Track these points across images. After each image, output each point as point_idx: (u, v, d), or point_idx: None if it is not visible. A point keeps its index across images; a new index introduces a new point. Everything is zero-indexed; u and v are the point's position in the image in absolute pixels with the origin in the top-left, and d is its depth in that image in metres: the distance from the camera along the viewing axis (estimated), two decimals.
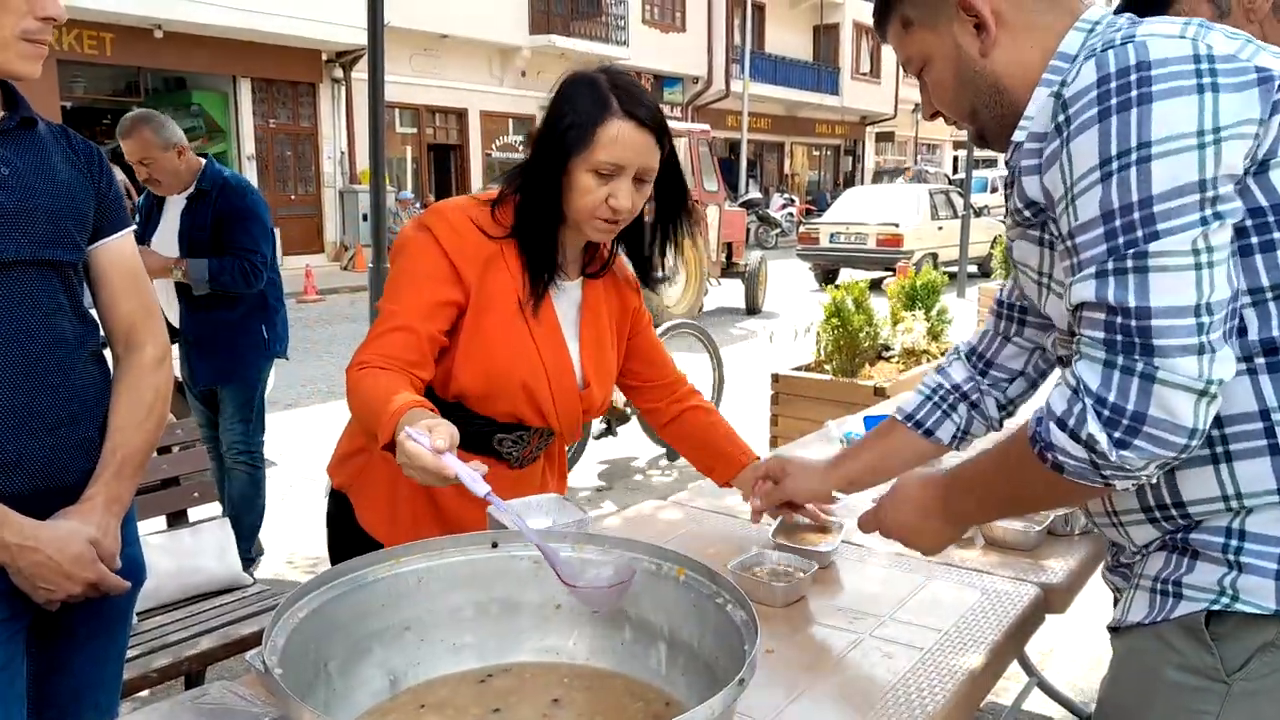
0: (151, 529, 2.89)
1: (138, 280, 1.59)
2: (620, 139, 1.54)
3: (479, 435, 1.68)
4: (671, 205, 1.73)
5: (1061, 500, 1.26)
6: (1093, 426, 0.99)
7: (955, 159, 38.07)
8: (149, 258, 3.57)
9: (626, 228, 1.67)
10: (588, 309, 1.75)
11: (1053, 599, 1.68)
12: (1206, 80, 0.96)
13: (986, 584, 1.69)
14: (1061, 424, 1.03)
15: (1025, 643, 1.72)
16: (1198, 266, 0.95)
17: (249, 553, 3.92)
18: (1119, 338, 0.98)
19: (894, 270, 10.17)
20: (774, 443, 4.80)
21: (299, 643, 1.10)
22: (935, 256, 14.48)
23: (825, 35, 31.85)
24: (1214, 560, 1.04)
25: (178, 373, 4.01)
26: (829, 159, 35.74)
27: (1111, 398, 0.98)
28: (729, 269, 12.56)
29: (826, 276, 14.94)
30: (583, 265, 1.76)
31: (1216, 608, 1.03)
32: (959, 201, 15.17)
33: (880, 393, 4.41)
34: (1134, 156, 0.97)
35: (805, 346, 5.26)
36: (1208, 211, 0.96)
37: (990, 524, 1.85)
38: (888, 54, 34.42)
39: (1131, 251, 0.97)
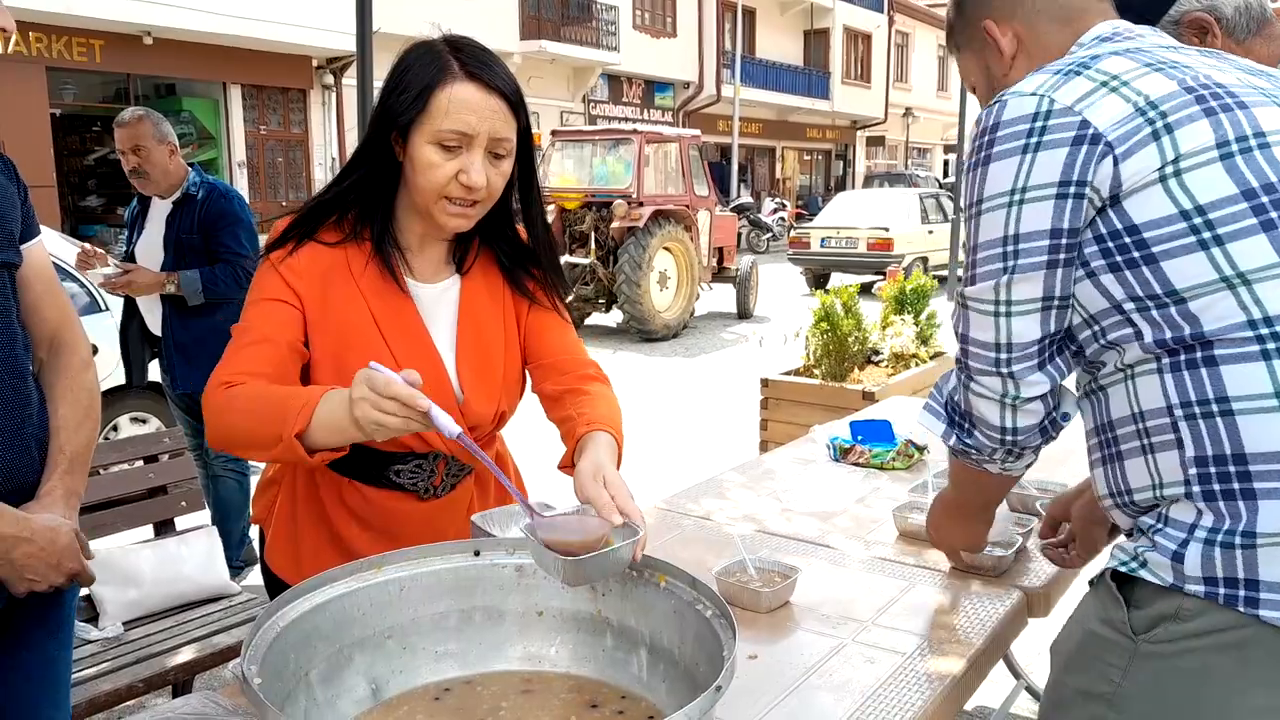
0: (139, 538, 2.88)
1: (56, 285, 1.61)
2: (462, 102, 1.35)
3: (369, 468, 1.52)
4: (524, 185, 1.52)
5: (986, 486, 1.43)
6: (931, 418, 1.35)
7: (946, 163, 38.22)
8: (142, 275, 3.57)
9: (492, 219, 1.49)
10: (466, 311, 1.54)
11: (1034, 603, 1.69)
12: (1034, 140, 1.11)
13: (968, 589, 1.70)
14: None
15: (1008, 646, 1.73)
16: (996, 313, 1.17)
17: (238, 560, 3.91)
18: (960, 355, 1.24)
19: (884, 274, 10.20)
20: (763, 447, 4.80)
21: (280, 652, 1.11)
22: (925, 260, 14.54)
23: (816, 40, 31.93)
24: (1144, 535, 1.12)
25: (156, 377, 4.01)
26: (820, 163, 35.81)
27: (956, 398, 1.29)
28: (720, 274, 12.58)
29: (817, 281, 14.99)
30: (458, 263, 1.56)
31: (1123, 570, 1.11)
32: (949, 205, 15.22)
33: (869, 397, 4.42)
34: (974, 210, 1.18)
35: (795, 351, 5.27)
36: (1009, 264, 1.14)
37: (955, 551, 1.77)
38: (878, 59, 34.57)
39: (961, 290, 1.21)
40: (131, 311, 3.89)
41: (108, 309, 4.48)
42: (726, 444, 5.83)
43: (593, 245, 10.95)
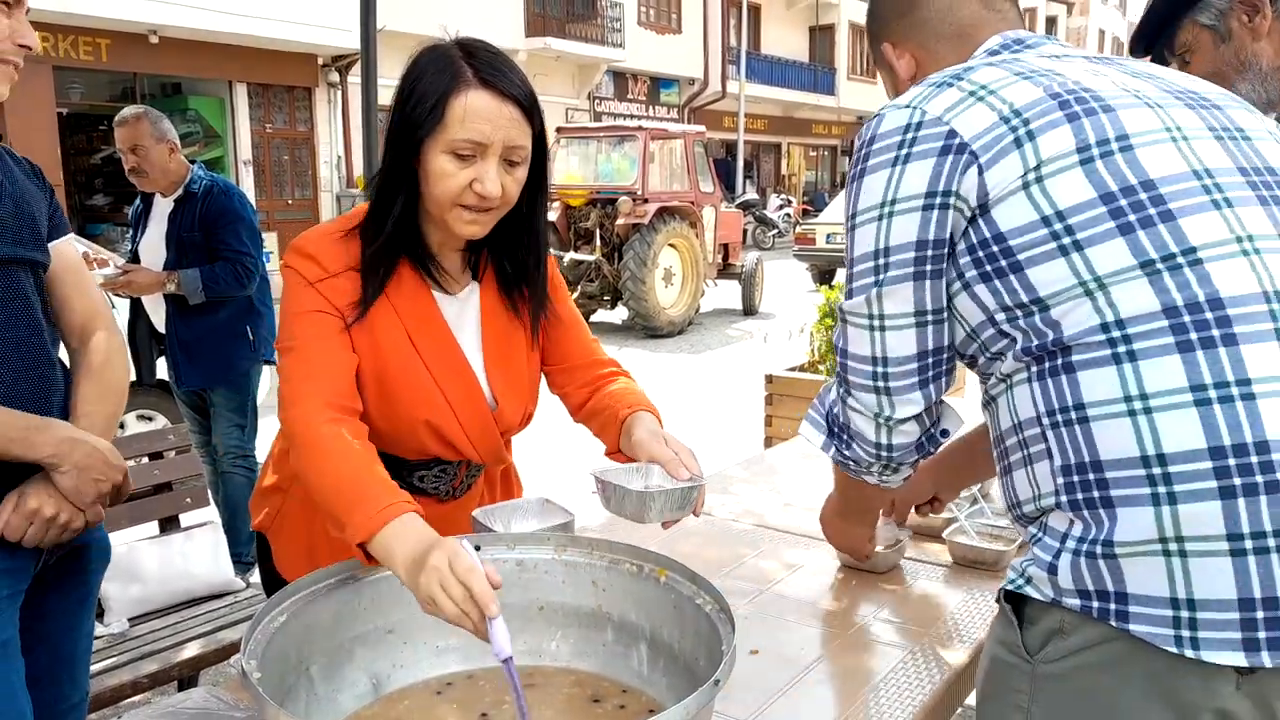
0: (144, 534, 2.89)
1: (86, 279, 1.69)
2: (477, 111, 1.31)
3: (393, 472, 1.43)
4: (532, 189, 1.46)
5: (866, 492, 1.41)
6: (811, 429, 1.33)
7: None
8: (141, 275, 3.59)
9: (504, 227, 1.45)
10: (489, 318, 1.53)
11: None
12: (903, 153, 1.10)
13: (971, 582, 1.70)
14: None
15: None
16: (870, 327, 1.16)
17: (247, 556, 3.92)
18: (839, 370, 1.23)
19: None
20: (768, 443, 4.80)
21: (280, 647, 1.11)
22: None
23: (821, 36, 31.87)
24: (1030, 548, 1.09)
25: (163, 374, 4.03)
26: (826, 159, 35.76)
27: (835, 411, 1.27)
28: (725, 270, 12.57)
29: (823, 277, 14.94)
30: (474, 271, 1.54)
31: (1011, 588, 1.08)
32: None
33: None
34: (850, 223, 1.17)
35: (800, 347, 5.26)
36: (879, 276, 1.14)
37: (957, 542, 1.81)
38: None
39: (840, 304, 1.20)
40: (138, 310, 3.92)
41: (113, 308, 4.51)
42: (731, 440, 5.83)
43: (598, 242, 10.95)
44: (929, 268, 1.11)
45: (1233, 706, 0.94)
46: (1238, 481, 0.91)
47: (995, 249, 1.06)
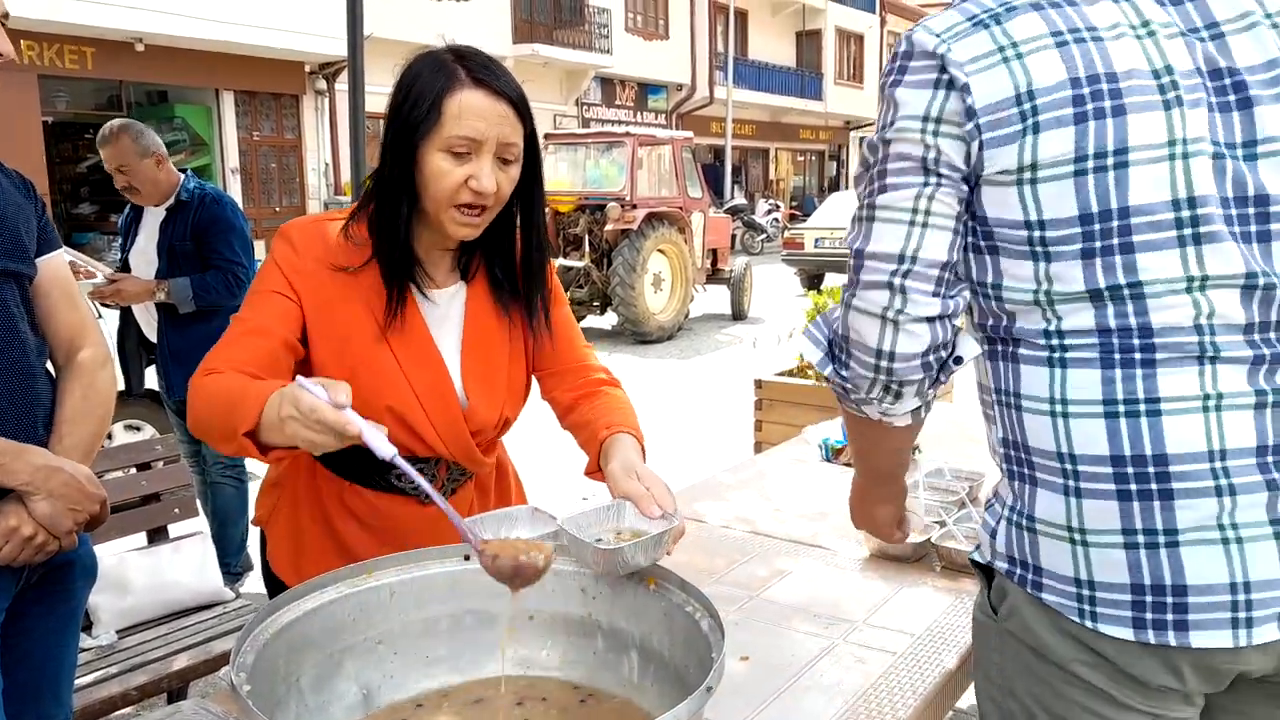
0: (132, 545, 2.88)
1: (73, 293, 1.67)
2: (471, 109, 1.35)
3: (370, 471, 1.53)
4: (528, 197, 1.49)
5: (878, 443, 1.32)
6: (810, 345, 1.24)
7: None
8: (130, 283, 3.57)
9: (494, 232, 1.48)
10: (472, 318, 1.54)
11: None
12: (940, 76, 1.09)
13: (960, 588, 1.71)
14: None
15: None
16: (912, 222, 1.10)
17: (237, 566, 3.91)
18: (850, 272, 1.16)
19: None
20: (758, 448, 4.81)
21: (270, 659, 1.11)
22: None
23: (808, 41, 31.96)
24: (984, 514, 1.21)
25: (153, 384, 4.01)
26: (814, 164, 35.85)
27: (836, 325, 1.19)
28: (714, 275, 12.58)
29: (811, 281, 14.98)
30: (462, 272, 1.56)
31: (972, 552, 1.21)
32: None
33: None
34: (883, 132, 1.14)
35: (789, 352, 5.27)
36: (930, 179, 1.10)
37: (945, 546, 1.82)
38: (870, 59, 34.62)
39: (869, 200, 1.14)
40: (128, 319, 3.90)
41: (101, 317, 4.50)
42: (721, 445, 5.84)
43: (587, 248, 10.95)
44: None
45: (1139, 664, 1.05)
46: (1134, 487, 1.02)
47: (979, 229, 1.12)
